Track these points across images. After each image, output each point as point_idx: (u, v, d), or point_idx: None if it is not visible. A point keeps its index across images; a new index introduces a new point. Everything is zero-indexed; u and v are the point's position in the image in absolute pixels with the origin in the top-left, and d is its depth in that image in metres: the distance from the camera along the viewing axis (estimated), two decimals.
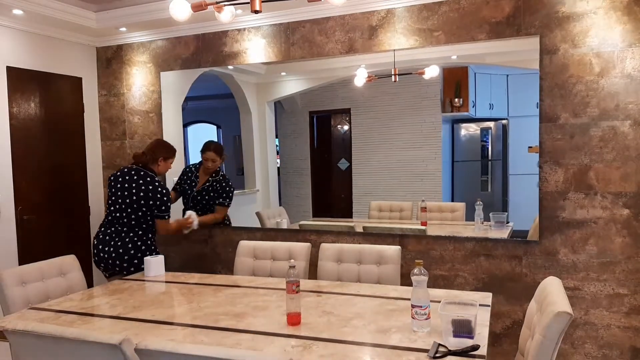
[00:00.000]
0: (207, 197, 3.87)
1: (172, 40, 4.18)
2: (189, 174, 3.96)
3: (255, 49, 3.89)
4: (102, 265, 3.27)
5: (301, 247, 3.08)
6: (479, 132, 3.78)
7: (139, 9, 3.89)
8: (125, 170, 3.32)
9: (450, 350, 1.75)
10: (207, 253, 4.20)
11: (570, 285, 3.11)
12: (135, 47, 4.34)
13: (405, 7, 3.42)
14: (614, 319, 3.04)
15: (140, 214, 3.24)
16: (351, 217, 3.93)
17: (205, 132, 4.88)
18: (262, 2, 2.38)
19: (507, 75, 3.54)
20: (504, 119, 3.62)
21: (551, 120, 3.11)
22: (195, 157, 4.57)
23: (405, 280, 2.88)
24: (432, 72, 3.54)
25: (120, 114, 4.46)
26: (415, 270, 1.96)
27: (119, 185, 3.27)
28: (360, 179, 3.94)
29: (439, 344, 1.78)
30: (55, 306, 2.46)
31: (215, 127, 4.85)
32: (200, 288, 2.76)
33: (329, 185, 4.13)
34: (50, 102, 4.11)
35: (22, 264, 3.70)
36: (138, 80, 4.36)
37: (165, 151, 3.41)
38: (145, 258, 3.07)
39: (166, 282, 2.94)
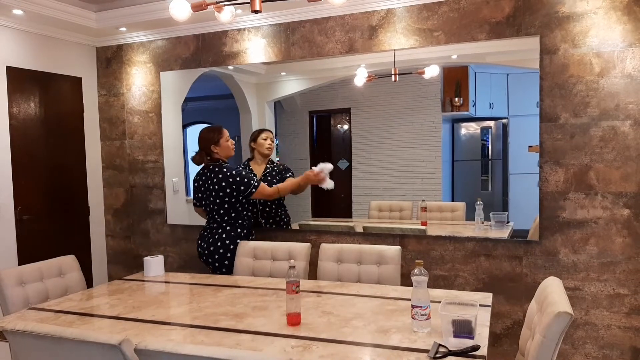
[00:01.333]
0: (274, 182, 3.66)
1: (172, 40, 4.18)
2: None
3: (255, 49, 3.89)
4: (203, 259, 3.38)
5: (301, 247, 3.08)
6: (479, 131, 3.78)
7: (139, 9, 3.88)
8: (201, 171, 3.38)
9: (450, 351, 1.74)
10: None
11: (570, 286, 3.11)
12: (135, 47, 4.34)
13: (405, 7, 3.42)
14: (615, 319, 3.04)
15: (226, 206, 3.28)
16: (351, 217, 3.92)
17: None
18: (262, 2, 2.38)
19: (507, 75, 3.53)
20: (504, 118, 3.61)
21: (551, 120, 3.11)
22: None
23: (405, 281, 2.88)
24: (432, 71, 3.54)
25: (120, 114, 4.46)
26: (416, 271, 1.95)
27: (202, 188, 3.36)
28: (360, 179, 3.94)
29: (439, 345, 1.78)
30: (55, 306, 2.46)
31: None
32: (200, 288, 2.75)
33: None
34: (50, 102, 4.10)
35: (21, 264, 3.70)
36: (138, 80, 4.35)
37: (210, 135, 3.33)
38: (144, 258, 3.07)
39: (166, 282, 2.94)
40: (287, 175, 3.76)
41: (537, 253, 3.18)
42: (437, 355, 1.72)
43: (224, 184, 3.23)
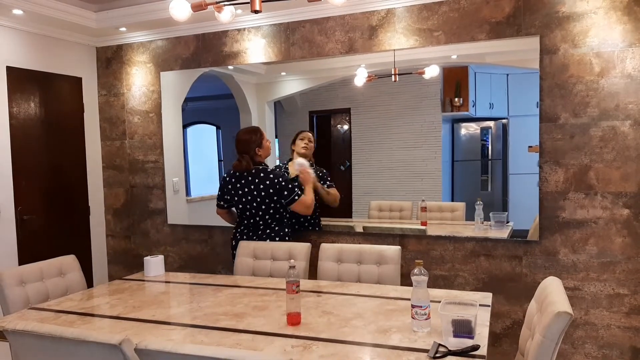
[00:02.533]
0: None
1: (172, 40, 4.18)
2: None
3: (255, 49, 3.89)
4: None
5: (301, 247, 3.08)
6: (479, 131, 3.78)
7: (139, 9, 3.89)
8: (237, 174, 3.26)
9: (450, 351, 1.75)
10: (207, 253, 4.20)
11: (570, 285, 3.11)
12: (135, 47, 4.34)
13: (405, 7, 3.42)
14: (614, 319, 3.04)
15: (272, 211, 3.22)
16: (351, 217, 3.92)
17: (204, 133, 4.88)
18: (262, 2, 2.38)
19: (507, 75, 3.53)
20: (504, 118, 3.61)
21: (551, 120, 3.11)
22: (194, 158, 4.58)
23: (405, 280, 2.88)
24: (432, 71, 3.54)
25: (120, 114, 4.46)
26: (415, 270, 1.95)
27: (240, 192, 3.24)
28: (360, 179, 3.94)
29: (439, 344, 1.78)
30: (55, 306, 2.46)
31: (214, 127, 4.85)
32: (200, 288, 2.75)
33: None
34: (50, 102, 4.11)
35: (22, 264, 3.71)
36: (138, 80, 4.36)
37: (252, 138, 3.23)
38: (145, 258, 3.07)
39: (166, 282, 2.94)
40: (326, 182, 3.65)
41: (537, 253, 3.19)
42: (437, 355, 1.72)
43: (270, 190, 3.16)
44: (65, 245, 4.14)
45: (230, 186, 3.29)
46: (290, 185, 3.20)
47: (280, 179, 3.19)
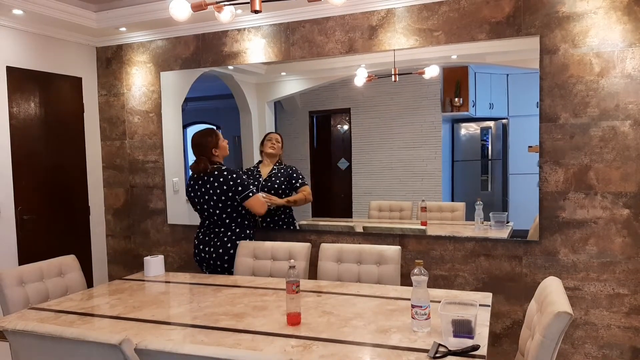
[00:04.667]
0: (277, 182, 3.70)
1: (172, 40, 4.18)
2: (249, 174, 3.85)
3: (255, 49, 3.89)
4: (205, 264, 3.34)
5: (301, 247, 3.08)
6: (479, 131, 3.78)
7: (139, 9, 3.89)
8: (196, 176, 3.32)
9: (450, 351, 1.75)
10: None
11: (570, 285, 3.11)
12: (135, 47, 4.34)
13: (405, 7, 3.42)
14: (614, 319, 3.04)
15: (229, 210, 3.26)
16: (351, 217, 3.93)
17: None
18: (262, 2, 2.38)
19: (507, 75, 3.53)
20: (504, 118, 3.61)
21: (551, 120, 3.11)
22: (194, 158, 4.57)
23: (405, 280, 2.89)
24: (432, 71, 3.54)
25: (120, 114, 4.46)
26: (415, 270, 1.95)
27: (198, 193, 3.30)
28: (360, 179, 3.94)
29: (439, 344, 1.78)
30: (55, 306, 2.46)
31: (215, 127, 4.85)
32: (200, 288, 2.75)
33: (328, 185, 4.12)
34: (50, 102, 4.11)
35: (22, 264, 3.71)
36: (138, 80, 4.36)
37: (208, 140, 3.28)
38: (145, 258, 3.07)
39: (166, 282, 2.94)
40: (297, 182, 3.73)
41: (537, 253, 3.19)
42: (437, 355, 1.72)
43: (225, 187, 3.22)
44: (65, 245, 4.14)
45: (190, 189, 3.36)
46: (245, 183, 3.24)
47: (235, 176, 3.23)
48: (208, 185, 3.26)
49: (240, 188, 3.23)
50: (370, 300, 2.41)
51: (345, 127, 4.04)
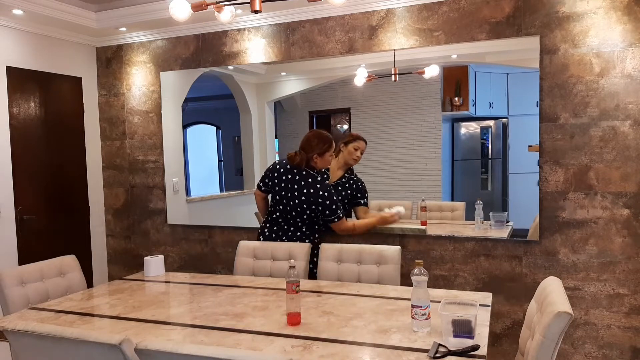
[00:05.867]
0: (343, 194, 3.49)
1: (172, 40, 4.18)
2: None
3: (255, 49, 3.89)
4: None
5: (301, 247, 3.08)
6: (479, 130, 3.78)
7: (139, 9, 3.89)
8: (288, 167, 3.18)
9: (450, 351, 1.75)
10: (207, 253, 4.20)
11: (570, 285, 3.11)
12: (135, 47, 4.34)
13: (405, 7, 3.42)
14: (614, 319, 3.04)
15: (305, 217, 3.17)
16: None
17: (204, 133, 4.88)
18: (262, 2, 2.38)
19: (507, 74, 3.54)
20: (504, 117, 3.61)
21: (551, 120, 3.11)
22: (194, 158, 4.58)
23: (405, 280, 2.88)
24: (432, 71, 3.54)
25: (120, 114, 4.46)
26: (415, 270, 1.95)
27: (282, 185, 3.17)
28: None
29: (439, 344, 1.78)
30: (55, 306, 2.46)
31: (214, 128, 4.85)
32: (200, 288, 2.76)
33: None
34: (50, 102, 4.11)
35: (22, 264, 3.71)
36: (138, 80, 4.36)
37: (319, 146, 3.14)
38: (145, 258, 3.07)
39: (166, 282, 2.94)
40: (361, 200, 3.53)
41: (537, 253, 3.19)
42: (437, 355, 1.72)
43: (312, 199, 3.11)
44: (65, 245, 4.14)
45: (276, 174, 3.22)
46: (334, 207, 3.12)
47: (326, 195, 3.11)
48: (296, 185, 3.15)
49: (327, 211, 3.13)
50: (370, 300, 2.41)
51: (345, 126, 4.04)
